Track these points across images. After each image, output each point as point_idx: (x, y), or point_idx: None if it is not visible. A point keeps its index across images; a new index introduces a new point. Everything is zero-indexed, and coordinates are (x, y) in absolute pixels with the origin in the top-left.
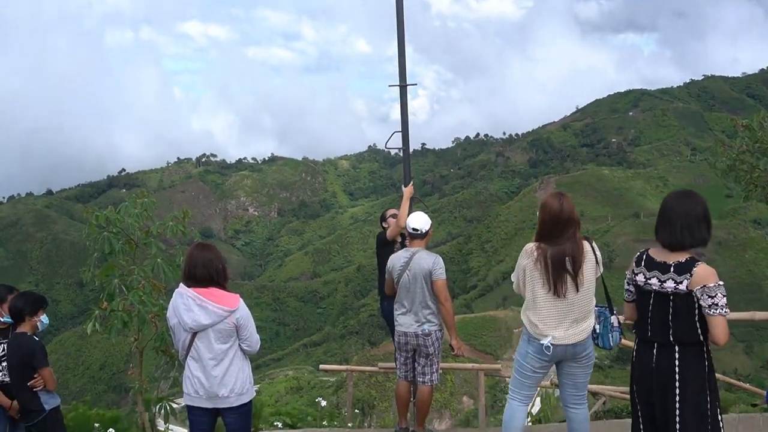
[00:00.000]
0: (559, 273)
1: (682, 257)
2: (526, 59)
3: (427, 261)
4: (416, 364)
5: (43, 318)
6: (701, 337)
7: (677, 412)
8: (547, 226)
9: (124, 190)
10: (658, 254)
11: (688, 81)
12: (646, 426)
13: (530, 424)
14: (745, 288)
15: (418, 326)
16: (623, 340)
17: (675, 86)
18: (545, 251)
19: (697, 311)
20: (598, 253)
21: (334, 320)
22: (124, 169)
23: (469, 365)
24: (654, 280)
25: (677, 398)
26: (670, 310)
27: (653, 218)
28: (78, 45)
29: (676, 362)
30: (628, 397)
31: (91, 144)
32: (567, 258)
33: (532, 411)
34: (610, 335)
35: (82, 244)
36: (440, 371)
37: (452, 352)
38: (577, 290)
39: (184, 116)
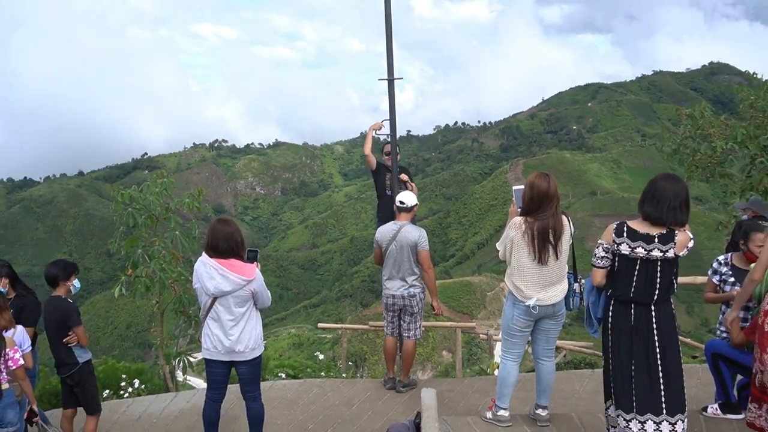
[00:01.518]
0: (543, 244)
1: (663, 229)
2: (498, 57)
3: (413, 234)
4: (402, 322)
5: (76, 282)
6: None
7: (659, 361)
8: (535, 202)
9: (146, 171)
10: (639, 226)
11: (639, 76)
12: (617, 374)
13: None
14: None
15: (405, 290)
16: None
17: (628, 80)
18: (532, 225)
19: (676, 271)
20: (572, 226)
21: (331, 285)
22: (146, 153)
23: (448, 324)
24: (640, 249)
25: (657, 350)
26: (658, 274)
27: (608, 196)
28: (104, 40)
29: (653, 318)
30: (585, 351)
31: (117, 130)
32: (550, 230)
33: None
34: (571, 299)
35: (110, 219)
36: (423, 328)
37: (433, 312)
38: (557, 258)
39: (199, 106)
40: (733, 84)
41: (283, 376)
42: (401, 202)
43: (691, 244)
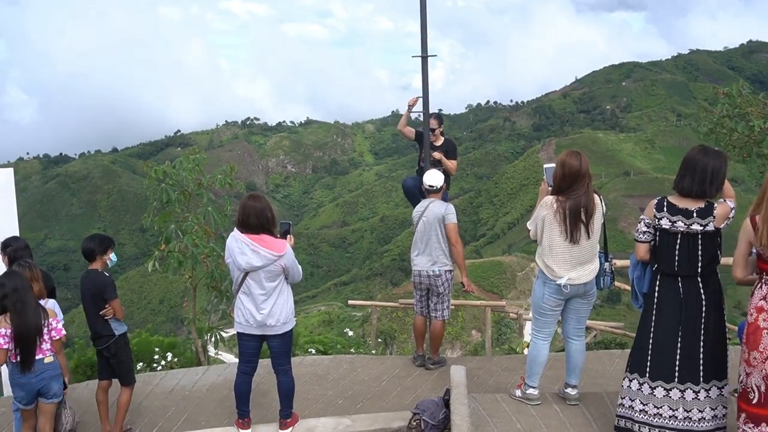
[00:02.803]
0: (575, 222)
1: (701, 203)
2: (529, 35)
3: (439, 207)
4: (429, 302)
5: (112, 256)
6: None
7: (702, 335)
8: (566, 181)
9: (179, 149)
10: (678, 201)
11: (675, 54)
12: (659, 346)
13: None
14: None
15: (431, 266)
16: (615, 283)
17: (663, 59)
18: (563, 203)
19: (719, 243)
20: (604, 205)
21: (361, 263)
22: (179, 130)
23: (478, 302)
24: (680, 224)
25: (702, 325)
26: (699, 247)
27: (641, 176)
28: (135, 18)
29: (702, 292)
30: (616, 331)
31: (150, 107)
32: (582, 209)
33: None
34: (602, 278)
35: (144, 195)
36: (451, 308)
37: (463, 289)
38: (588, 237)
39: (229, 84)
40: None
41: (314, 351)
42: (430, 185)
43: (732, 214)
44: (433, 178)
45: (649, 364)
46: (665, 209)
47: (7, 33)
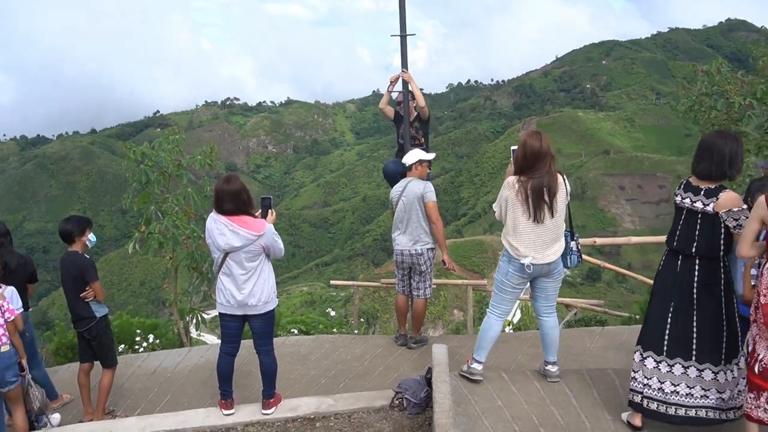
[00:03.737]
0: (538, 202)
1: (712, 184)
2: (511, 14)
3: (418, 186)
4: (411, 281)
5: (91, 237)
6: (720, 253)
7: (694, 317)
8: (528, 161)
9: (158, 129)
10: (695, 181)
11: (655, 33)
12: (653, 319)
13: (512, 330)
14: None
15: (413, 245)
16: (589, 258)
17: (643, 37)
18: (525, 183)
19: (723, 231)
20: (568, 185)
21: (343, 244)
22: (158, 111)
23: (460, 281)
24: (687, 200)
25: (694, 305)
26: (697, 227)
27: (621, 155)
28: None
29: (696, 273)
30: (596, 309)
31: (129, 88)
32: (545, 189)
33: (513, 320)
34: (568, 257)
35: (123, 176)
36: (433, 287)
37: (444, 267)
38: (552, 216)
39: (211, 64)
40: (750, 41)
41: (296, 332)
42: (408, 164)
43: (736, 209)
44: (409, 155)
45: (644, 338)
46: (683, 187)
47: None
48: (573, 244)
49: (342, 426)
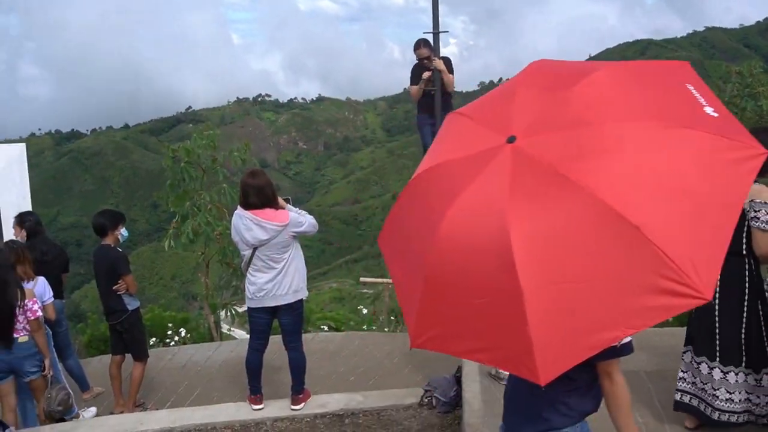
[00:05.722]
0: None
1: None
2: (543, 11)
3: None
4: None
5: (123, 231)
6: (744, 250)
7: (743, 319)
8: None
9: (190, 125)
10: None
11: (690, 32)
12: (695, 324)
13: None
14: None
15: None
16: None
17: (679, 36)
18: None
19: (746, 224)
20: None
21: (373, 241)
22: (190, 107)
23: None
24: None
25: (745, 308)
26: (746, 222)
27: None
28: None
29: (746, 273)
30: None
31: (161, 83)
32: None
33: None
34: None
35: (156, 171)
36: None
37: None
38: None
39: (243, 60)
40: None
41: (326, 328)
42: None
43: (761, 200)
44: None
45: (693, 338)
46: None
47: (20, 7)
48: None
49: (371, 423)
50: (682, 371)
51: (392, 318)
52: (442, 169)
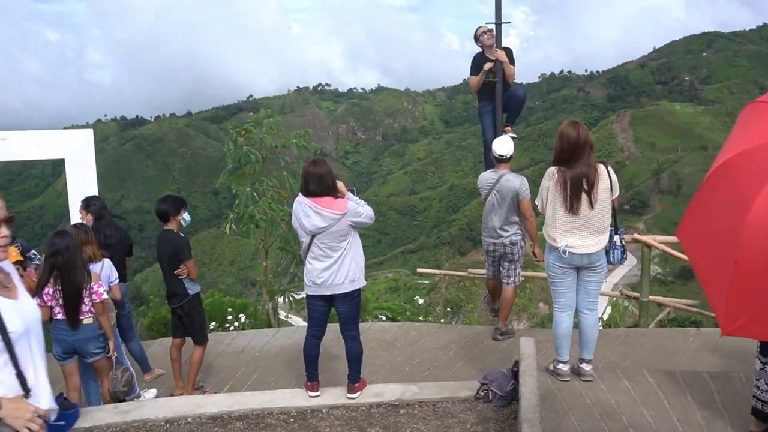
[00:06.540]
0: (576, 192)
1: None
2: (605, 2)
3: (514, 182)
4: (501, 268)
5: (186, 216)
6: None
7: None
8: (566, 152)
9: (251, 113)
10: None
11: (760, 24)
12: None
13: (602, 327)
14: None
15: (505, 238)
16: (683, 255)
17: (747, 29)
18: (565, 174)
19: None
20: (613, 176)
21: (429, 232)
22: (251, 95)
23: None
24: None
25: None
26: None
27: (720, 151)
28: None
29: None
30: (690, 309)
31: (223, 71)
32: (583, 179)
33: (603, 317)
34: (611, 252)
35: (216, 158)
36: (522, 276)
37: (535, 260)
38: (592, 207)
39: (302, 50)
40: None
41: (383, 318)
42: (500, 155)
43: None
44: (503, 146)
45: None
46: None
47: None
48: (617, 238)
49: (426, 414)
50: (756, 379)
51: (448, 309)
52: (748, 155)
